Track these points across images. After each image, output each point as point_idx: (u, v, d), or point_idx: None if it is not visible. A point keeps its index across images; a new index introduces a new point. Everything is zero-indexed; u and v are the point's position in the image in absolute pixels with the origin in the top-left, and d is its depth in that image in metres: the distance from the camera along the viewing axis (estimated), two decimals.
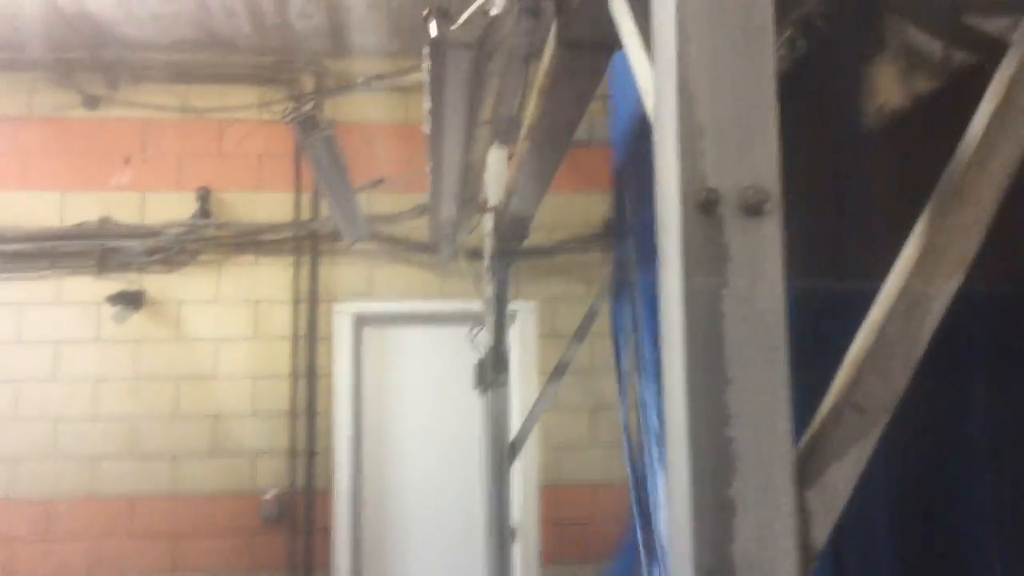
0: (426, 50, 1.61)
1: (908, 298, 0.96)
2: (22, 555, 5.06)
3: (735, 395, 0.90)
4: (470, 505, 5.03)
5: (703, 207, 0.91)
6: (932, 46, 1.61)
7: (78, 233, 5.23)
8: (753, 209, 0.91)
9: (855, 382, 0.95)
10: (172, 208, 5.35)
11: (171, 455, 5.19)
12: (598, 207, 5.46)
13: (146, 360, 5.24)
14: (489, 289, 4.26)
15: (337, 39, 5.32)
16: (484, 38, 1.53)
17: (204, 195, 5.32)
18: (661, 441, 2.43)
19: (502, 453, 4.28)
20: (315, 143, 2.56)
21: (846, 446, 0.94)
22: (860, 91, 1.73)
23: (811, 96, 1.70)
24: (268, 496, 5.18)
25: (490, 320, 4.31)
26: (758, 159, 0.92)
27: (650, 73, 1.13)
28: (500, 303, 4.25)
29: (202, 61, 5.36)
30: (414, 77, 5.19)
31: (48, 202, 5.30)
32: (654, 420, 2.45)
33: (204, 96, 5.43)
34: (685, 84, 0.93)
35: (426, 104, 1.81)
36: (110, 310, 5.15)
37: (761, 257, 0.92)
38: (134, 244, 5.21)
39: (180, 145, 5.42)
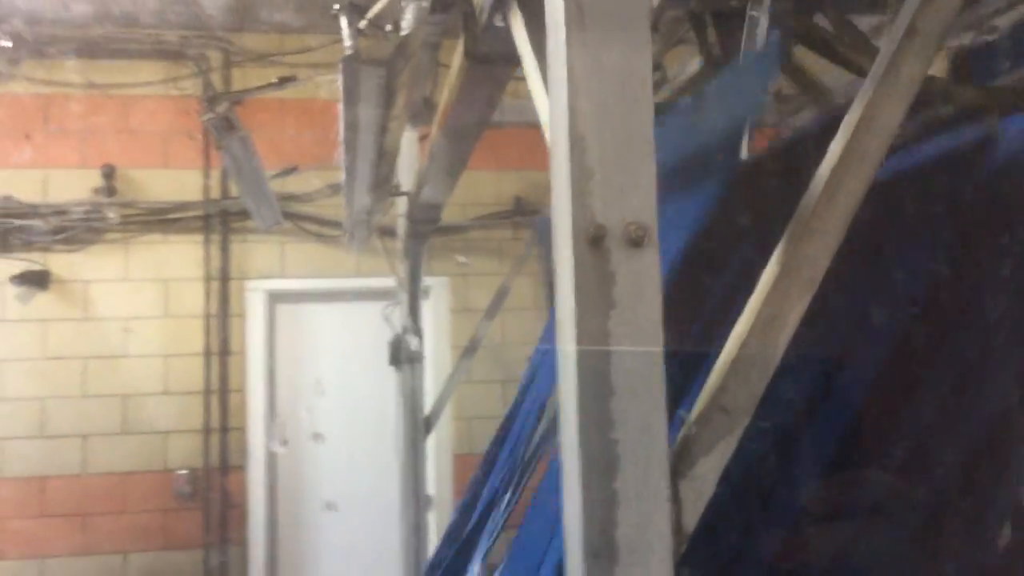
0: (340, 64, 1.70)
1: (766, 315, 1.12)
2: None
3: (619, 402, 1.05)
4: (385, 477, 5.14)
5: (593, 241, 1.05)
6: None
7: None
8: (635, 241, 1.06)
9: (721, 388, 1.11)
10: (76, 186, 5.25)
11: (81, 435, 5.15)
12: (510, 185, 5.61)
13: (53, 340, 5.17)
14: (403, 268, 4.36)
15: (243, 15, 5.27)
16: (396, 54, 1.62)
17: (109, 172, 5.23)
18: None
19: (417, 426, 4.41)
20: (231, 143, 2.60)
21: (713, 443, 1.10)
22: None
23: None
24: (181, 473, 5.20)
25: (404, 298, 4.41)
26: (638, 198, 1.07)
27: (547, 108, 1.26)
28: (414, 282, 4.35)
29: (106, 36, 5.24)
30: (321, 54, 5.21)
31: None
32: None
33: (108, 72, 5.31)
34: (576, 132, 1.06)
35: (340, 110, 1.90)
36: (14, 290, 5.05)
37: (642, 282, 1.06)
38: (38, 223, 5.11)
39: (84, 121, 5.30)
